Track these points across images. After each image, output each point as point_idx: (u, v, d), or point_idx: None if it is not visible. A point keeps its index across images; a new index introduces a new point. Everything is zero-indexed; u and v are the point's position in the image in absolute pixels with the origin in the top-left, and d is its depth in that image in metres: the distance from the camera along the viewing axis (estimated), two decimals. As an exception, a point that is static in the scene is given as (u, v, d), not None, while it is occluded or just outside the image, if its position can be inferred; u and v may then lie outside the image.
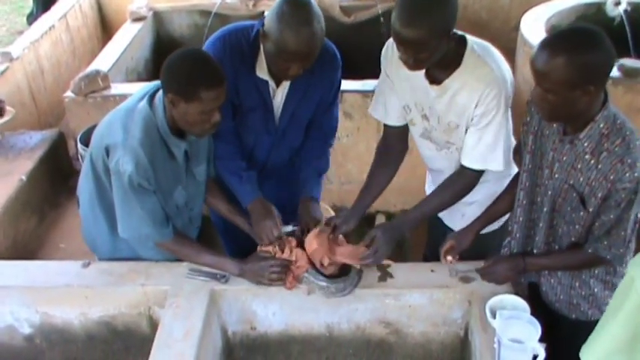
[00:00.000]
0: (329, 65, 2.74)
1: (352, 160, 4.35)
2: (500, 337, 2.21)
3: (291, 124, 2.82)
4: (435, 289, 2.61)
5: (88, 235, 2.82)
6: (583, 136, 2.14)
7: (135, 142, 2.38)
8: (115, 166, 2.40)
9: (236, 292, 2.62)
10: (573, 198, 2.24)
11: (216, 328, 2.65)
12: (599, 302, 2.47)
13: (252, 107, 2.73)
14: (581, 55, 1.98)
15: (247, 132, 2.83)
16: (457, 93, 2.46)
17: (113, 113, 2.53)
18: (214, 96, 2.33)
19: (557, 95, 2.04)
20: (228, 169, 2.81)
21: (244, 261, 2.63)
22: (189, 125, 2.41)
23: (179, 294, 2.58)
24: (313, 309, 2.65)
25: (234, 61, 2.62)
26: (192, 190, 2.72)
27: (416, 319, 2.66)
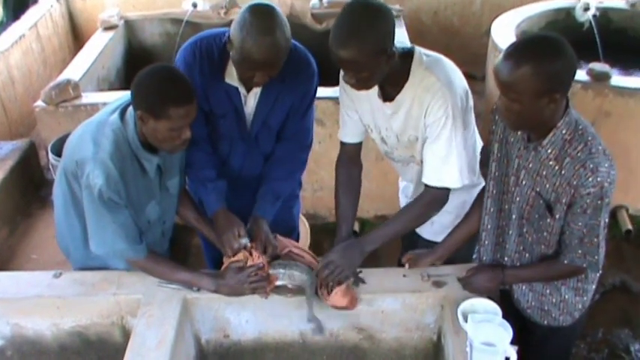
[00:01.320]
0: (302, 73, 2.73)
1: (324, 167, 4.30)
2: (472, 341, 2.23)
3: (263, 131, 2.81)
4: (407, 293, 2.61)
5: (62, 241, 2.80)
6: (546, 143, 2.16)
7: (105, 155, 2.36)
8: (85, 180, 2.38)
9: (209, 300, 2.61)
10: (540, 205, 2.26)
11: (190, 337, 2.64)
12: (570, 308, 2.50)
13: (223, 114, 2.73)
14: (547, 63, 1.99)
15: (221, 139, 2.83)
16: (411, 107, 2.47)
17: (84, 126, 2.51)
18: (183, 113, 2.33)
19: (522, 105, 2.05)
20: (196, 177, 2.81)
21: (219, 276, 2.61)
22: (159, 142, 2.41)
23: (152, 303, 2.56)
24: (286, 316, 2.65)
25: (203, 67, 2.63)
26: (165, 204, 2.71)
27: (389, 324, 2.66)
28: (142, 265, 2.61)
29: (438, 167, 2.51)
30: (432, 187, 2.56)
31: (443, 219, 2.79)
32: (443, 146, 2.46)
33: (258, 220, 2.77)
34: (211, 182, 2.79)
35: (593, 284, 2.49)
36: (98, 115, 2.52)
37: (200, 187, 2.81)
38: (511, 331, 2.23)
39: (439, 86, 2.39)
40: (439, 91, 2.39)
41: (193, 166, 2.79)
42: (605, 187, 2.09)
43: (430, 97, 2.40)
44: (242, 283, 2.57)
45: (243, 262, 2.62)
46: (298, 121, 2.83)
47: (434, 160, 2.51)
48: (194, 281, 2.62)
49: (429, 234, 2.92)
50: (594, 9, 5.29)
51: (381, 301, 2.61)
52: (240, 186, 2.92)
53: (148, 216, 2.62)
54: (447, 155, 2.48)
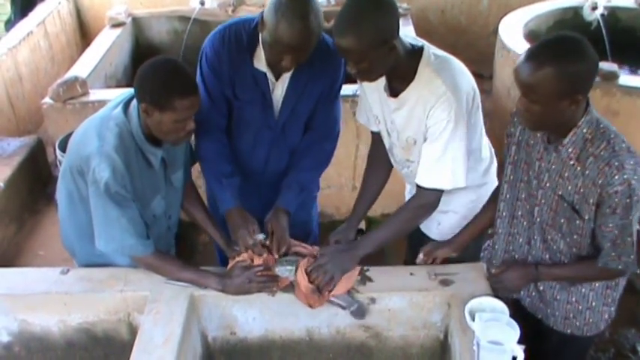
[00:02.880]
0: (331, 60, 2.72)
1: (332, 165, 4.22)
2: (479, 339, 2.22)
3: (291, 120, 2.80)
4: (414, 292, 2.61)
5: (67, 239, 2.81)
6: (567, 142, 2.14)
7: (110, 148, 2.37)
8: (92, 176, 2.39)
9: (216, 297, 2.61)
10: (565, 208, 2.23)
11: (196, 334, 2.63)
12: (596, 318, 2.47)
13: (249, 100, 2.73)
14: (569, 65, 1.97)
15: (246, 127, 2.82)
16: (414, 107, 2.47)
17: (88, 122, 2.52)
18: (188, 104, 2.35)
19: (544, 106, 2.03)
20: (211, 171, 2.81)
21: (226, 275, 2.62)
22: (164, 134, 2.42)
23: (159, 300, 2.56)
24: (293, 314, 2.64)
25: (231, 51, 2.64)
26: (170, 198, 2.71)
27: (396, 322, 2.66)
28: (150, 263, 2.60)
29: (431, 168, 2.50)
30: (423, 188, 2.55)
31: (450, 219, 2.80)
32: (439, 148, 2.46)
33: (280, 212, 2.77)
34: (227, 178, 2.78)
35: (619, 292, 2.47)
36: (101, 112, 2.53)
37: (214, 182, 2.81)
38: (518, 331, 2.21)
39: (444, 90, 2.38)
40: (444, 95, 2.38)
41: (207, 159, 2.80)
42: (633, 185, 2.05)
43: (434, 101, 2.39)
44: (248, 282, 2.58)
45: (249, 262, 2.64)
46: (326, 110, 2.84)
47: (427, 161, 2.51)
48: (200, 280, 2.62)
49: (435, 234, 2.91)
50: (602, 8, 5.28)
51: (387, 300, 2.60)
52: (264, 183, 2.93)
53: (154, 210, 2.62)
54: (441, 157, 2.46)
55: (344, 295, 2.58)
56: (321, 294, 2.55)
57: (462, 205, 2.76)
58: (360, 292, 2.60)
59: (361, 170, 4.31)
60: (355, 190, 4.37)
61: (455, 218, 2.81)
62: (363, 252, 2.62)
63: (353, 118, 4.12)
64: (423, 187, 2.54)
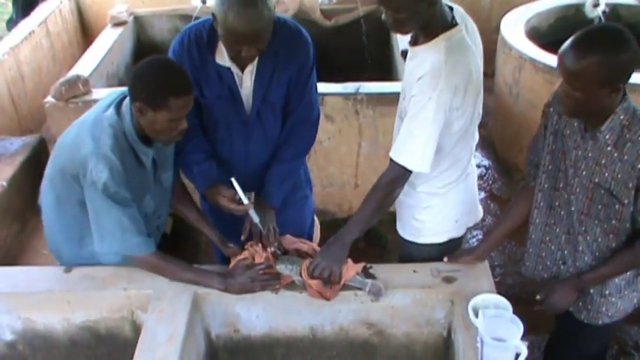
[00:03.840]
0: (296, 45, 2.71)
1: (334, 163, 4.37)
2: (482, 336, 2.21)
3: (264, 110, 2.78)
4: (417, 289, 2.61)
5: (52, 243, 2.81)
6: (604, 129, 2.16)
7: (107, 149, 2.37)
8: (89, 177, 2.38)
9: (219, 295, 2.61)
10: (602, 195, 2.25)
11: (200, 332, 2.64)
12: (625, 304, 2.50)
13: (217, 96, 2.72)
14: (615, 54, 2.00)
15: (219, 124, 2.81)
16: (416, 67, 2.45)
17: (78, 125, 2.51)
18: (182, 104, 2.36)
19: (585, 93, 2.06)
20: (184, 162, 2.82)
21: (228, 274, 2.62)
22: (157, 133, 2.43)
23: (162, 298, 2.57)
24: (296, 311, 2.65)
25: (191, 52, 2.64)
26: (160, 198, 2.71)
27: (399, 319, 2.66)
28: (152, 263, 2.60)
29: (405, 143, 2.47)
30: (393, 161, 2.51)
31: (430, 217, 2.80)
32: (417, 125, 2.42)
33: (263, 207, 2.77)
34: (197, 165, 2.79)
35: None
36: (91, 114, 2.52)
37: (187, 171, 2.84)
38: (522, 327, 2.21)
39: (441, 68, 2.36)
40: (438, 72, 2.36)
41: (182, 151, 2.80)
42: None
43: (427, 71, 2.38)
44: (252, 280, 2.58)
45: (250, 260, 2.64)
46: (299, 95, 2.79)
47: (404, 135, 2.47)
48: (203, 281, 2.62)
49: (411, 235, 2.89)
50: (604, 5, 5.26)
51: (391, 297, 2.60)
52: (249, 177, 2.89)
53: (145, 209, 2.62)
54: (417, 135, 2.43)
55: (354, 277, 2.58)
56: (331, 286, 2.56)
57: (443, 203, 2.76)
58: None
59: (363, 168, 4.37)
60: (357, 187, 4.45)
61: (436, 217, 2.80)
62: (350, 237, 2.59)
63: (355, 115, 4.16)
64: (393, 159, 2.51)
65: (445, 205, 2.76)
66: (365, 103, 4.14)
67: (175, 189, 2.86)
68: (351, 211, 4.37)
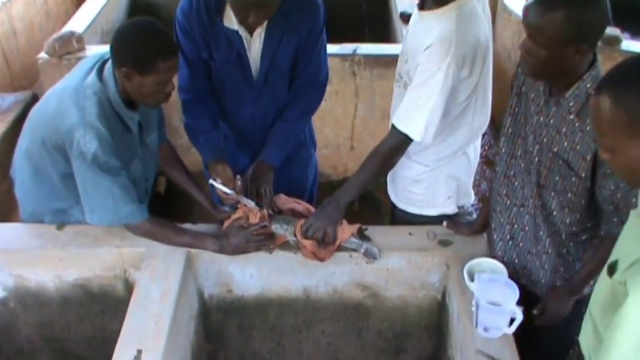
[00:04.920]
0: (306, 9, 2.68)
1: (329, 125, 4.35)
2: (478, 300, 2.20)
3: (272, 74, 2.76)
4: (413, 252, 2.60)
5: (29, 215, 2.77)
6: (569, 95, 2.08)
7: (93, 118, 2.32)
8: (76, 148, 2.33)
9: (213, 254, 2.60)
10: (559, 166, 2.17)
11: (193, 291, 2.63)
12: None
13: (225, 60, 2.69)
14: (580, 10, 1.92)
15: (226, 88, 2.79)
16: (422, 33, 2.43)
17: (59, 93, 2.44)
18: (170, 66, 2.32)
19: (548, 50, 1.98)
20: (190, 128, 2.81)
21: (222, 236, 2.60)
22: (144, 97, 2.39)
23: (155, 256, 2.55)
24: (290, 272, 2.64)
25: (200, 15, 2.60)
26: (147, 161, 2.68)
27: (394, 282, 2.66)
28: (146, 229, 2.56)
29: (409, 111, 2.45)
30: (396, 129, 2.50)
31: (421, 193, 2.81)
32: (423, 95, 2.40)
33: (261, 166, 2.76)
34: (204, 134, 2.77)
35: None
36: (70, 81, 2.45)
37: (194, 139, 2.81)
38: (518, 291, 2.20)
39: (450, 38, 2.33)
40: (448, 42, 2.33)
41: (189, 117, 2.78)
42: None
43: (436, 40, 2.35)
44: (246, 241, 2.56)
45: (245, 220, 2.61)
46: (307, 58, 2.77)
47: (409, 104, 2.45)
48: (198, 243, 2.59)
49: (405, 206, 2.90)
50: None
51: (386, 259, 2.60)
52: (256, 140, 2.90)
53: (133, 175, 2.57)
54: (422, 105, 2.41)
55: (349, 239, 2.57)
56: (325, 247, 2.55)
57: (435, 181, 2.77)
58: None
59: (359, 130, 4.36)
60: (353, 150, 4.45)
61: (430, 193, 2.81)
62: (345, 200, 2.58)
63: (352, 77, 4.14)
64: (397, 128, 2.49)
65: (436, 180, 2.76)
66: (362, 65, 4.12)
67: (163, 150, 2.83)
68: (346, 174, 4.45)
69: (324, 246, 2.55)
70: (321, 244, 2.54)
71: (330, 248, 2.56)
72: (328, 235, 2.53)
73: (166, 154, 2.85)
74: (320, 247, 2.55)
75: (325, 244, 2.54)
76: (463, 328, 2.32)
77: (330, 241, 2.54)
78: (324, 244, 2.54)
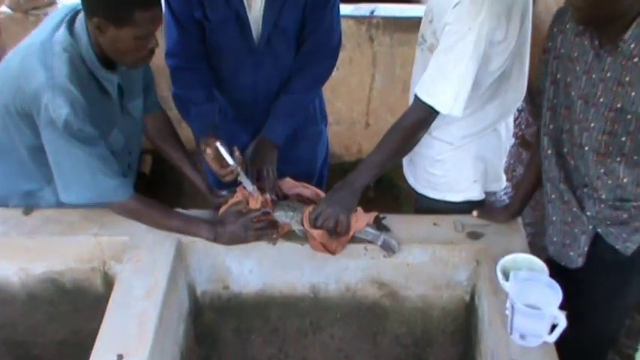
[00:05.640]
0: None
1: (342, 97, 4.36)
2: (513, 302, 2.18)
3: (276, 37, 2.76)
4: (438, 245, 2.61)
5: None
6: (628, 36, 2.04)
7: (63, 79, 2.29)
8: (45, 115, 2.30)
9: (207, 245, 2.61)
10: (627, 122, 2.11)
11: (183, 287, 2.64)
12: None
13: (222, 20, 2.69)
14: None
15: (224, 52, 2.80)
16: None
17: (23, 50, 2.40)
18: (150, 18, 2.27)
19: None
20: (180, 99, 2.81)
21: (218, 222, 2.59)
22: (121, 54, 2.34)
23: (140, 246, 2.56)
24: (297, 266, 2.65)
25: None
26: (129, 131, 2.67)
27: (415, 280, 2.66)
28: (133, 208, 2.55)
29: (436, 80, 2.44)
30: (419, 100, 2.49)
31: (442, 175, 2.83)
32: (452, 60, 2.40)
33: (265, 144, 2.77)
34: (196, 106, 2.78)
35: None
36: (37, 36, 2.41)
37: (183, 110, 2.82)
38: (560, 293, 2.18)
39: None
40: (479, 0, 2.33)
41: (179, 87, 2.79)
42: None
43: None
44: (245, 229, 2.56)
45: (244, 205, 2.62)
46: (317, 18, 2.77)
47: (435, 71, 2.45)
48: (190, 229, 2.60)
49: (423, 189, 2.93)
50: None
51: (407, 253, 2.60)
52: (257, 115, 2.91)
53: (112, 146, 2.54)
54: (451, 71, 2.41)
55: (365, 229, 2.58)
56: (337, 238, 2.56)
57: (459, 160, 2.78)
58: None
59: (377, 104, 4.34)
60: (369, 127, 4.46)
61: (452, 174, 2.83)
62: (360, 183, 2.59)
63: (369, 43, 4.12)
64: (420, 99, 2.49)
65: (461, 160, 2.77)
66: (380, 29, 4.11)
67: (155, 120, 2.82)
68: (360, 154, 4.48)
69: (335, 237, 2.56)
70: (332, 235, 2.55)
71: (342, 239, 2.56)
72: (340, 224, 2.53)
73: (159, 124, 2.83)
74: (331, 238, 2.55)
75: (337, 235, 2.55)
76: (495, 334, 2.31)
77: (342, 231, 2.54)
78: (335, 235, 2.55)
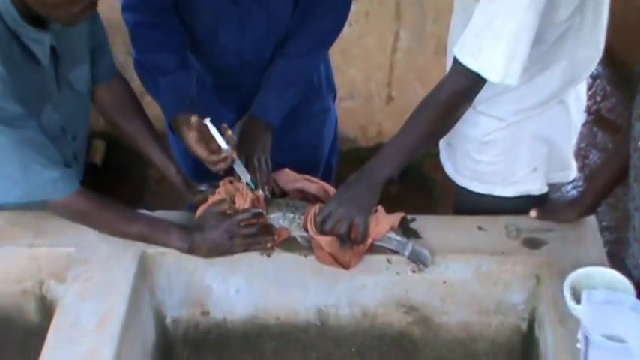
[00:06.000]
0: None
1: (356, 63, 4.41)
2: (588, 332, 2.08)
3: None
4: (484, 256, 2.53)
5: None
6: None
7: None
8: None
9: (180, 257, 2.54)
10: None
11: (148, 313, 2.60)
12: None
13: None
14: None
15: (201, 5, 2.77)
16: None
17: None
18: None
19: None
20: (144, 68, 2.81)
21: (195, 227, 2.53)
22: (50, 7, 2.25)
23: (90, 260, 2.49)
24: (298, 284, 2.61)
25: None
26: (70, 108, 2.60)
27: (454, 302, 2.62)
28: (79, 208, 2.48)
29: (482, 37, 2.34)
30: (461, 65, 2.39)
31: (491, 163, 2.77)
32: (502, 11, 2.29)
33: (254, 123, 2.76)
34: (165, 75, 2.75)
35: None
36: None
37: (149, 82, 2.82)
38: (651, 320, 2.13)
39: None
40: None
41: (141, 50, 2.81)
42: None
43: None
44: (230, 236, 2.49)
45: (229, 204, 2.55)
46: None
47: (481, 25, 2.34)
48: (157, 236, 2.53)
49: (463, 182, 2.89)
50: None
51: (443, 267, 2.54)
52: (244, 84, 2.94)
53: (46, 129, 2.50)
54: (501, 27, 2.30)
55: (388, 234, 2.53)
56: (351, 247, 2.51)
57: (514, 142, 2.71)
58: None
59: (402, 71, 4.45)
60: (392, 101, 4.51)
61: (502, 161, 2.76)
62: (382, 175, 2.52)
63: (391, -8, 4.11)
64: (462, 63, 2.39)
65: (515, 142, 2.72)
66: (406, -31, 4.22)
67: (113, 91, 2.75)
68: (381, 138, 4.60)
69: (349, 245, 2.50)
70: (344, 243, 2.49)
71: (358, 249, 2.51)
72: (356, 229, 2.47)
73: (117, 96, 2.77)
74: (343, 247, 2.49)
75: (351, 243, 2.50)
76: (563, 375, 2.27)
77: (358, 238, 2.49)
78: (349, 243, 2.49)
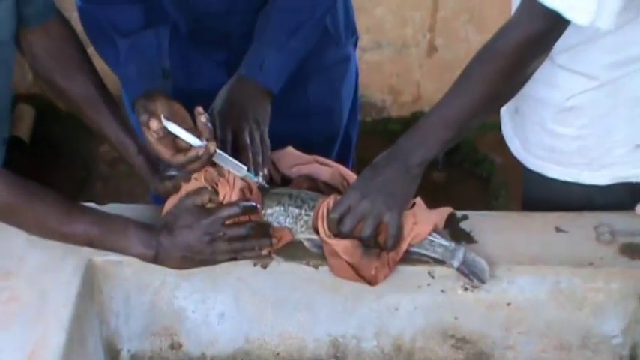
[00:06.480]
0: None
1: (386, 2, 4.34)
2: None
3: None
4: (564, 268, 2.41)
5: None
6: None
7: None
8: None
9: (141, 268, 2.44)
10: None
11: (97, 346, 2.51)
12: None
13: None
14: None
15: None
16: None
17: None
18: None
19: None
20: (94, 21, 2.70)
21: (162, 228, 2.39)
22: None
23: (15, 273, 2.40)
24: (306, 307, 2.51)
25: None
26: None
27: (522, 332, 2.52)
28: (1, 202, 2.38)
29: None
30: (535, 2, 2.25)
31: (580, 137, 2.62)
32: None
33: (246, 86, 2.65)
34: (126, 37, 2.65)
35: None
36: None
37: (100, 41, 2.70)
38: None
39: None
40: None
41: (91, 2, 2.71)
42: None
43: None
44: (210, 239, 2.35)
45: (210, 195, 2.42)
46: None
47: None
48: (110, 240, 2.39)
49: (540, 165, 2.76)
50: None
51: (506, 283, 2.43)
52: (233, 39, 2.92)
53: None
54: None
55: (430, 237, 2.42)
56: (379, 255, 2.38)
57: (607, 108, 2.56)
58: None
59: (449, 11, 4.50)
60: (435, 54, 4.49)
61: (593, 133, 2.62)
62: (422, 156, 2.39)
63: None
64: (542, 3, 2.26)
65: (609, 108, 2.57)
66: None
67: (50, 38, 2.63)
68: (420, 104, 4.59)
69: (376, 253, 2.38)
70: (369, 250, 2.37)
71: (388, 258, 2.39)
72: (385, 231, 2.35)
73: (56, 44, 2.66)
74: (367, 255, 2.37)
75: (379, 250, 2.38)
76: None
77: (388, 242, 2.36)
78: (376, 250, 2.37)
